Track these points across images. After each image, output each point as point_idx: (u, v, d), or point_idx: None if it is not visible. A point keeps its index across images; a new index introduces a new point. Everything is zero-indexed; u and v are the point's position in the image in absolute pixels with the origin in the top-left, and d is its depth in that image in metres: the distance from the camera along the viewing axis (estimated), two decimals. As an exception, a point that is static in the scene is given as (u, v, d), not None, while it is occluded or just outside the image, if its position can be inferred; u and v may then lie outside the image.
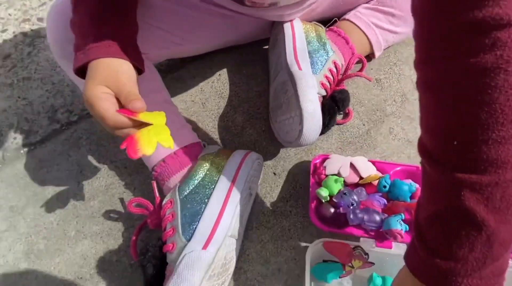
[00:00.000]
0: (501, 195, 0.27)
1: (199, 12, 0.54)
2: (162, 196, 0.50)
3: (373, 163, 0.53)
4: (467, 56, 0.25)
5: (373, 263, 0.45)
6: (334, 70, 0.55)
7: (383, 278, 0.47)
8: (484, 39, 0.24)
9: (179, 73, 0.67)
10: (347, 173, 0.52)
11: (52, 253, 0.53)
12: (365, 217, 0.47)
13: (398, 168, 0.53)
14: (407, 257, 0.34)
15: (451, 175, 0.28)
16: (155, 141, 0.35)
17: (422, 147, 0.31)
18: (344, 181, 0.51)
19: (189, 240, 0.41)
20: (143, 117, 0.36)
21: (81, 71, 0.39)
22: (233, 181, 0.47)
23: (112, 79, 0.37)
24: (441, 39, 0.27)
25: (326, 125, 0.53)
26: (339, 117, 0.61)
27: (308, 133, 0.48)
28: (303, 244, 0.52)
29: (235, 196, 0.46)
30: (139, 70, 0.41)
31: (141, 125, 0.36)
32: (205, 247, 0.40)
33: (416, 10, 0.29)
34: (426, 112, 0.30)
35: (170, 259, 0.42)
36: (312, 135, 0.49)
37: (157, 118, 0.37)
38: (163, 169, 0.49)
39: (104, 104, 0.36)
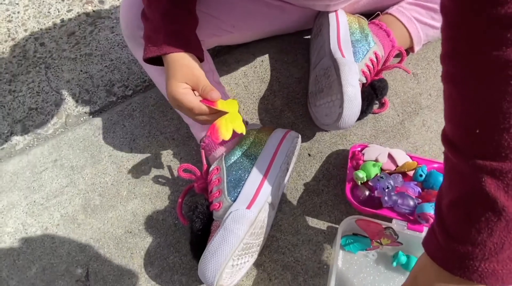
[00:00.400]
0: None
1: (249, 1, 0.59)
2: (209, 165, 0.55)
3: (411, 157, 0.55)
4: (490, 50, 0.27)
5: (401, 243, 0.48)
6: (375, 60, 0.58)
7: (408, 257, 0.50)
8: (506, 33, 0.26)
9: (224, 58, 0.72)
10: (385, 159, 0.55)
11: (106, 209, 0.59)
12: (399, 200, 0.50)
13: (436, 165, 0.54)
14: (426, 242, 0.35)
15: (473, 162, 0.29)
16: (231, 127, 0.43)
17: (445, 137, 0.33)
18: (381, 168, 0.54)
19: (234, 201, 0.46)
20: (221, 106, 0.43)
21: (150, 59, 0.46)
22: (274, 154, 0.51)
23: (189, 76, 0.44)
24: (465, 33, 0.28)
25: (364, 111, 0.56)
26: (375, 107, 0.64)
27: (348, 116, 0.52)
28: (333, 220, 0.55)
29: (276, 167, 0.51)
30: (200, 59, 0.48)
31: (218, 112, 0.44)
32: (249, 207, 0.45)
33: (444, 6, 0.31)
34: (449, 103, 0.32)
35: (217, 216, 0.47)
36: (351, 118, 0.52)
37: (232, 106, 0.45)
38: (211, 141, 0.54)
39: (189, 97, 0.43)
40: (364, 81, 0.57)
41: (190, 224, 0.50)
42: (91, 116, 0.69)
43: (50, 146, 0.66)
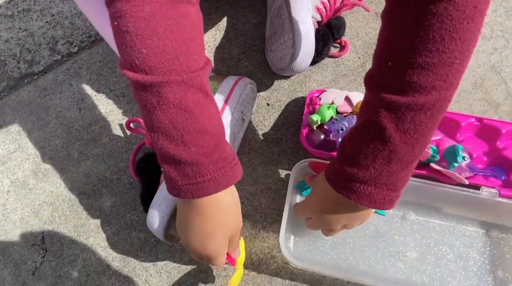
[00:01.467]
0: (412, 118, 0.30)
1: None
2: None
3: None
4: None
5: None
6: (331, -4, 0.54)
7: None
8: None
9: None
10: (341, 102, 0.53)
11: (57, 172, 0.57)
12: (352, 140, 0.48)
13: None
14: (328, 165, 0.38)
15: (378, 94, 0.31)
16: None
17: (367, 75, 0.34)
18: (337, 111, 0.52)
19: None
20: (239, 265, 0.44)
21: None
22: (225, 102, 0.49)
23: (234, 229, 0.37)
24: None
25: (320, 52, 0.53)
26: (335, 50, 0.61)
27: (301, 57, 0.49)
28: (292, 167, 0.54)
29: (227, 116, 0.48)
30: None
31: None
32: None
33: None
34: (378, 38, 0.33)
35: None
36: (304, 58, 0.49)
37: (241, 263, 0.45)
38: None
39: (224, 252, 0.38)
40: (319, 18, 0.53)
41: (139, 177, 0.48)
42: (35, 77, 0.64)
43: (-6, 111, 0.62)
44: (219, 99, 0.49)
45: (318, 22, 0.54)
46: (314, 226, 0.41)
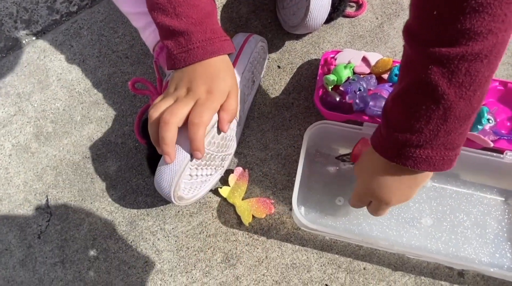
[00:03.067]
0: (466, 69, 0.27)
1: None
2: (164, 77, 0.49)
3: None
4: None
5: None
6: None
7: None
8: None
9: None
10: (358, 62, 0.50)
11: (60, 135, 0.55)
12: (371, 102, 0.46)
13: None
14: (372, 137, 0.36)
15: (424, 49, 0.28)
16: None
17: (405, 28, 0.31)
18: (353, 71, 0.49)
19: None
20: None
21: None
22: (235, 60, 0.46)
23: (227, 86, 0.40)
24: None
25: (336, 7, 0.49)
26: (351, 9, 0.57)
27: (316, 10, 0.45)
28: (303, 133, 0.52)
29: (238, 75, 0.45)
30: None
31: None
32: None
33: None
34: None
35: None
36: (319, 13, 0.46)
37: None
38: (164, 48, 0.48)
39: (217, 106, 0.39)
40: (336, -29, 0.49)
41: (145, 139, 0.46)
42: (33, 38, 0.61)
43: (-8, 73, 0.59)
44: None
45: (335, -25, 0.50)
46: (377, 209, 0.39)
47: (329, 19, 0.51)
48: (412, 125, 0.30)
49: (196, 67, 0.39)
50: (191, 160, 0.39)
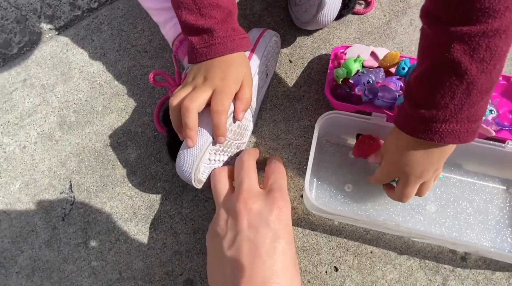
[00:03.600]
0: (487, 45, 0.29)
1: None
2: (183, 70, 0.52)
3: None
4: None
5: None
6: None
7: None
8: None
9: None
10: (367, 57, 0.52)
11: (82, 125, 0.58)
12: (380, 93, 0.48)
13: None
14: (396, 117, 0.38)
15: (445, 29, 0.30)
16: None
17: (423, 10, 0.33)
18: (363, 65, 0.52)
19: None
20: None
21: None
22: (251, 53, 0.48)
23: (243, 75, 0.44)
24: None
25: (347, 4, 0.52)
26: (360, 7, 0.60)
27: (328, 7, 0.48)
28: (314, 123, 0.54)
29: (253, 66, 0.48)
30: None
31: None
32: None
33: None
34: None
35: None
36: (331, 9, 0.48)
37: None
38: (183, 42, 0.51)
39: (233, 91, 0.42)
40: (347, -31, 0.52)
41: (166, 127, 0.49)
42: (56, 32, 0.64)
43: (17, 65, 0.62)
44: (244, 50, 0.48)
45: (346, -27, 0.52)
46: (407, 185, 0.40)
47: (340, 15, 0.53)
48: (438, 102, 0.32)
49: (214, 60, 0.42)
50: (213, 144, 0.42)
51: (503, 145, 0.46)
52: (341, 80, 0.51)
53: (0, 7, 0.66)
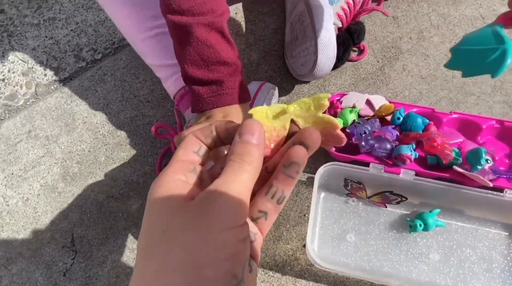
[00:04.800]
0: None
1: None
2: (184, 122, 0.53)
3: (390, 102, 0.54)
4: None
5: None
6: (351, 2, 0.55)
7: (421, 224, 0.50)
8: None
9: (196, 13, 0.68)
10: (362, 105, 0.54)
11: (85, 176, 0.59)
12: (376, 144, 0.49)
13: (415, 109, 0.53)
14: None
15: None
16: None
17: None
18: (359, 115, 0.53)
19: (209, 155, 0.45)
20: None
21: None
22: (250, 106, 0.50)
23: None
24: None
25: (341, 58, 0.54)
26: (354, 54, 0.62)
27: (323, 63, 0.50)
28: (313, 171, 0.55)
29: (251, 121, 0.49)
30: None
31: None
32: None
33: None
34: None
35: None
36: (326, 65, 0.50)
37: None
38: (184, 96, 0.52)
39: None
40: (340, 25, 0.54)
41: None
42: (61, 84, 0.66)
43: (23, 117, 0.64)
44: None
45: (339, 28, 0.55)
46: None
47: (334, 67, 0.55)
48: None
49: (217, 109, 0.43)
50: None
51: (502, 194, 0.46)
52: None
53: (7, 61, 0.69)
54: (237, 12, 0.67)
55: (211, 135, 0.24)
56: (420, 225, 0.48)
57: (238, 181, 0.21)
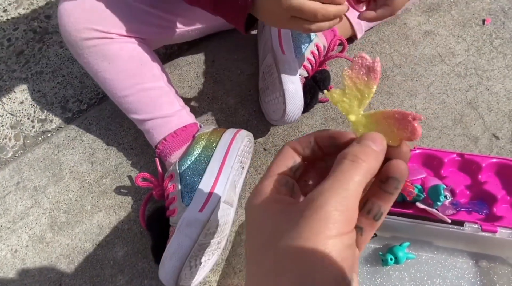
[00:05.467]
0: None
1: None
2: (165, 171, 0.57)
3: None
4: None
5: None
6: (316, 52, 0.60)
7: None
8: None
9: (176, 61, 0.72)
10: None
11: (72, 225, 0.61)
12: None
13: None
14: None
15: None
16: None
17: None
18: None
19: (188, 205, 0.48)
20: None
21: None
22: (225, 155, 0.53)
23: None
24: None
25: (309, 104, 0.58)
26: (322, 95, 0.66)
27: (291, 112, 0.54)
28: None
29: (227, 167, 0.53)
30: None
31: None
32: (201, 209, 0.47)
33: None
34: None
35: (172, 221, 0.49)
36: (295, 113, 0.54)
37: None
38: (165, 146, 0.56)
39: None
40: (306, 75, 0.59)
41: (150, 231, 0.52)
42: (49, 135, 0.70)
43: (11, 169, 0.66)
44: (219, 154, 0.53)
45: (306, 77, 0.59)
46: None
47: (305, 111, 0.60)
48: None
49: None
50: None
51: (462, 227, 0.49)
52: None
53: (-4, 115, 0.72)
54: (214, 60, 0.72)
55: (309, 146, 0.23)
56: (391, 259, 0.51)
57: (348, 185, 0.20)
